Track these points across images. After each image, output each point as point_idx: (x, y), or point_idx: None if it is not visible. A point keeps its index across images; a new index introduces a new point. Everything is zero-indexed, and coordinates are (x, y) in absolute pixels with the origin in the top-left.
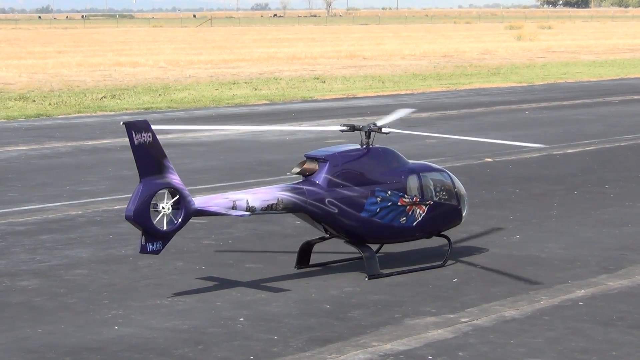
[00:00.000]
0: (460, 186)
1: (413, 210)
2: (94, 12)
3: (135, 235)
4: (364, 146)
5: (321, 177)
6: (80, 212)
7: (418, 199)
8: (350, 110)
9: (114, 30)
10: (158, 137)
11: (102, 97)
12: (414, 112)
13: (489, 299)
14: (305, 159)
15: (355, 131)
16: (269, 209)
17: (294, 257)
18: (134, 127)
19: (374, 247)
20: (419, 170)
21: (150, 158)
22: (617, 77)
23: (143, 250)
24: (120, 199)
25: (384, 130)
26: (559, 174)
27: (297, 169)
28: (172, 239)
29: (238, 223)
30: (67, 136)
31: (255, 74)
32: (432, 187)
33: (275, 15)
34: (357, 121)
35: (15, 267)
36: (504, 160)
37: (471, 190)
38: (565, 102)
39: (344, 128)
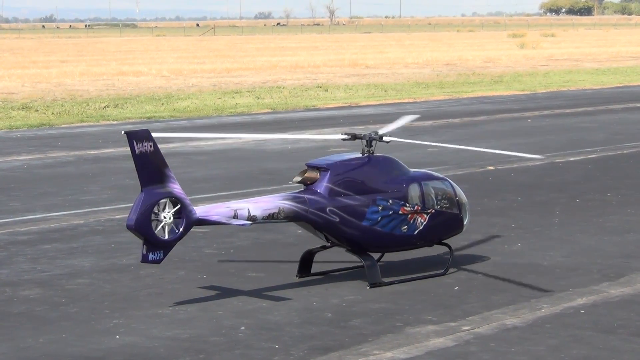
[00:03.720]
0: (461, 194)
1: (414, 219)
2: (97, 22)
3: (137, 245)
4: (366, 155)
5: (322, 186)
6: (82, 222)
7: (419, 208)
8: (353, 119)
9: (117, 39)
10: (159, 146)
11: (105, 107)
12: (417, 119)
13: (491, 307)
14: (306, 167)
15: (357, 140)
16: (271, 218)
17: (296, 265)
18: (135, 137)
19: (375, 255)
20: (420, 179)
21: (151, 167)
22: (620, 85)
23: (144, 259)
24: (122, 209)
25: (385, 139)
26: (561, 181)
27: (299, 178)
28: (173, 248)
29: (239, 232)
30: (70, 145)
31: (258, 83)
32: (433, 196)
33: (278, 24)
34: (359, 130)
35: (17, 276)
36: (506, 168)
37: (473, 198)
38: (567, 110)
39: (346, 137)
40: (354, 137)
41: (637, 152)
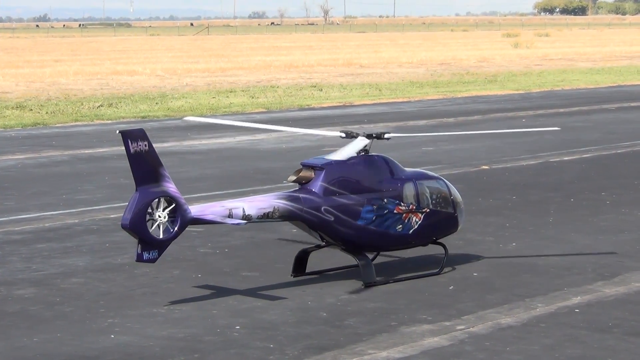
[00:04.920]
0: (456, 194)
1: (409, 218)
2: (92, 21)
3: (131, 244)
4: (360, 154)
5: (317, 185)
6: (77, 221)
7: (414, 207)
8: (348, 118)
9: (111, 39)
10: (154, 145)
11: (99, 106)
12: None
13: (485, 307)
14: (301, 167)
15: (353, 138)
16: (265, 217)
17: (290, 265)
18: (130, 136)
19: (370, 255)
20: (415, 178)
21: (146, 166)
22: (614, 85)
23: (139, 258)
24: (117, 208)
25: (385, 136)
26: (555, 181)
27: (294, 177)
28: (168, 248)
29: (234, 231)
30: (64, 145)
31: (253, 82)
32: (428, 195)
33: (272, 23)
34: (354, 129)
35: (11, 275)
36: (500, 168)
37: (468, 197)
38: (562, 110)
39: (343, 135)
40: (350, 135)
41: (631, 151)
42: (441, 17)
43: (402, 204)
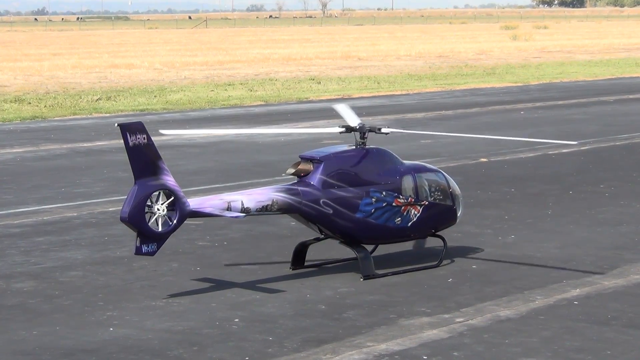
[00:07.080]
0: (455, 186)
1: (408, 211)
2: (90, 14)
3: (130, 237)
4: (359, 147)
5: (316, 178)
6: (75, 214)
7: (413, 200)
8: None
9: (109, 32)
10: (153, 138)
11: (97, 99)
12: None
13: (484, 299)
14: (300, 159)
15: (352, 132)
16: (264, 210)
17: (289, 258)
18: (128, 129)
19: (369, 247)
20: (413, 171)
21: (145, 160)
22: (613, 77)
23: (138, 251)
24: (115, 201)
25: (383, 130)
26: (554, 173)
27: (292, 170)
28: (167, 241)
29: (233, 224)
30: (63, 138)
31: (251, 75)
32: (426, 188)
33: (270, 16)
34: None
35: (10, 269)
36: (499, 160)
37: (466, 190)
38: (560, 102)
39: (342, 130)
40: (349, 129)
41: (629, 143)
42: (439, 9)
43: (401, 196)
